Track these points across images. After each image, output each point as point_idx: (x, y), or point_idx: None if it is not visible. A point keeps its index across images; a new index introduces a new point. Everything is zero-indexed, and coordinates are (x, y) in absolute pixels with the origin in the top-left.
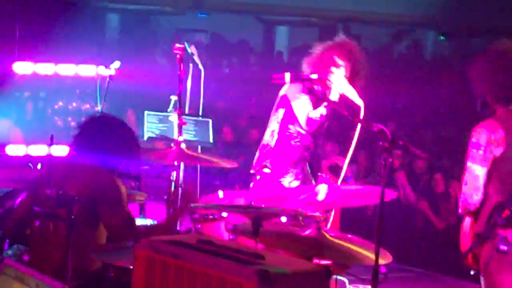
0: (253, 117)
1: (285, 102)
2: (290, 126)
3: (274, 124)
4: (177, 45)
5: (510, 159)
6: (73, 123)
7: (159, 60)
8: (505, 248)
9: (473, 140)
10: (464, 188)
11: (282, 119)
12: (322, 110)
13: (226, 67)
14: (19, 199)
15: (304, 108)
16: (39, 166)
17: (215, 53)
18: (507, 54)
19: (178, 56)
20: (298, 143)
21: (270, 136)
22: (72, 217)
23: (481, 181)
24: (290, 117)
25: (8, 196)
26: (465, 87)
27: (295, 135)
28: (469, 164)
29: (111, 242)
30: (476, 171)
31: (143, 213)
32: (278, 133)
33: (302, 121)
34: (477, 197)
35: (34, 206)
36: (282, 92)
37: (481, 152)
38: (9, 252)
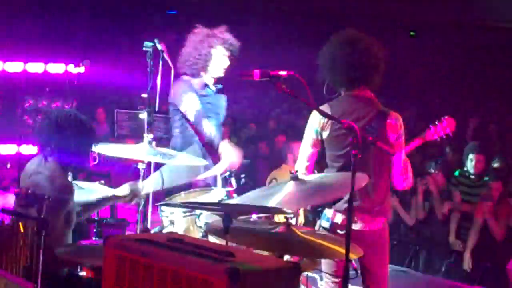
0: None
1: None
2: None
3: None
4: (146, 42)
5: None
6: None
7: (128, 56)
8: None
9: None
10: None
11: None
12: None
13: None
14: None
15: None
16: (8, 166)
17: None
18: (347, 43)
19: (147, 52)
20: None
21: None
22: (42, 216)
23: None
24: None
25: None
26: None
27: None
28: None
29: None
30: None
31: (114, 214)
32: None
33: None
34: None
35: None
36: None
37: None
38: None
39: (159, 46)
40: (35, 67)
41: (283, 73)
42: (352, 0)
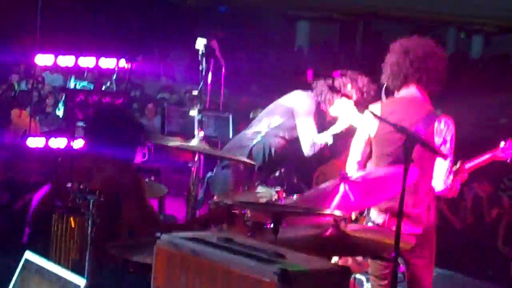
0: None
1: (289, 114)
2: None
3: (262, 126)
4: (199, 40)
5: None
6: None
7: (179, 52)
8: None
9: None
10: None
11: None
12: (328, 139)
13: (246, 62)
14: (40, 192)
15: (309, 132)
16: (60, 159)
17: (235, 48)
18: (405, 50)
19: (200, 52)
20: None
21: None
22: (93, 212)
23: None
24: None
25: (28, 189)
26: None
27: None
28: None
29: (132, 236)
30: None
31: (162, 208)
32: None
33: (305, 144)
34: None
35: (55, 200)
36: (288, 103)
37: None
38: None
39: (211, 44)
40: (87, 61)
41: (336, 73)
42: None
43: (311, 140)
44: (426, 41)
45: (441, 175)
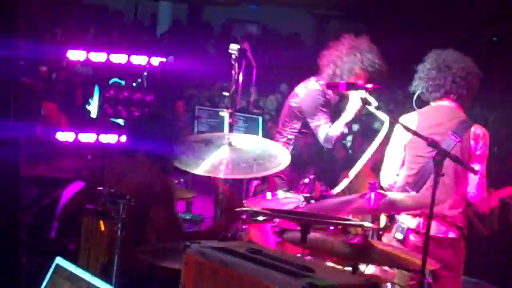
0: None
1: (301, 115)
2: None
3: (288, 134)
4: (232, 45)
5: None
6: (124, 113)
7: (210, 51)
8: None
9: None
10: None
11: (298, 131)
12: (341, 128)
13: (277, 60)
14: (69, 188)
15: (323, 128)
16: (89, 157)
17: (265, 45)
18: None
19: (233, 55)
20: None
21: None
22: (123, 216)
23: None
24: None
25: (57, 185)
26: None
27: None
28: None
29: (159, 242)
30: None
31: (189, 209)
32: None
33: (321, 138)
34: None
35: (86, 202)
36: (296, 103)
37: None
38: None
39: (243, 45)
40: (118, 58)
41: (369, 86)
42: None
43: (324, 133)
44: (466, 58)
45: (474, 181)
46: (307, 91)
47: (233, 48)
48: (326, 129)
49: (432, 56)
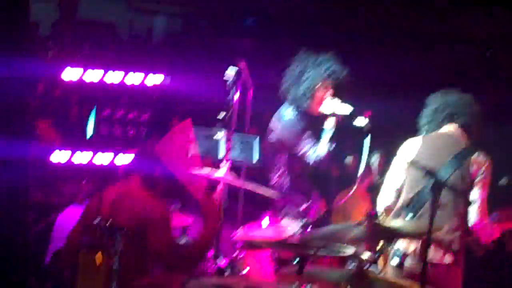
0: None
1: (284, 148)
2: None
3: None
4: (230, 68)
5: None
6: (118, 132)
7: (204, 62)
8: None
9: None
10: None
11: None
12: (325, 147)
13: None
14: (64, 213)
15: (310, 153)
16: (84, 182)
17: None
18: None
19: (230, 80)
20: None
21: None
22: (119, 248)
23: None
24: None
25: (51, 209)
26: None
27: None
28: None
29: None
30: None
31: (185, 234)
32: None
33: (311, 161)
34: None
35: (83, 235)
36: (273, 140)
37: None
38: None
39: (239, 65)
40: (113, 76)
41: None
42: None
43: (313, 157)
44: (467, 95)
45: (474, 207)
46: (281, 124)
47: (230, 72)
48: (313, 153)
49: (435, 98)
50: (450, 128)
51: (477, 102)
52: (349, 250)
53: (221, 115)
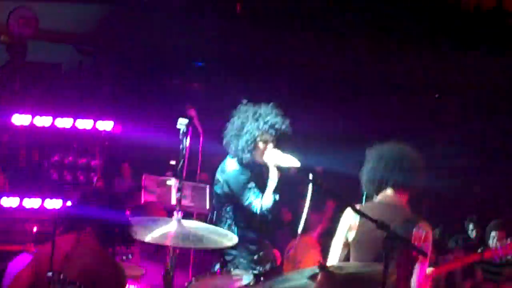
0: None
1: (230, 199)
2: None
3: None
4: (181, 120)
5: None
6: (68, 177)
7: (155, 108)
8: None
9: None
10: None
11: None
12: (270, 198)
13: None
14: (14, 263)
15: (255, 204)
16: (34, 229)
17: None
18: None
19: (181, 131)
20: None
21: None
22: None
23: None
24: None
25: (2, 257)
26: None
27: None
28: None
29: None
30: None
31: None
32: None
33: (258, 214)
34: None
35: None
36: (220, 190)
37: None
38: None
39: (190, 112)
40: (63, 122)
41: (319, 168)
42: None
43: (259, 208)
44: (401, 145)
45: (414, 279)
46: (226, 175)
47: (182, 122)
48: (258, 204)
49: (370, 151)
50: (387, 193)
51: (416, 153)
52: None
53: (172, 162)
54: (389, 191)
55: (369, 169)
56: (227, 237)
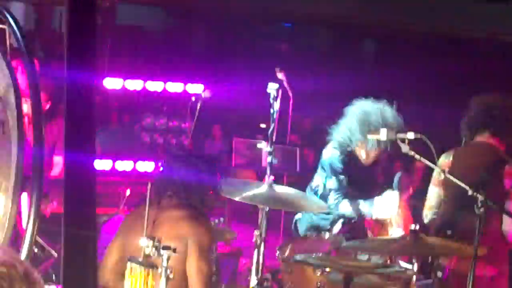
0: None
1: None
2: None
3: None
4: (271, 85)
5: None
6: (160, 140)
7: (243, 70)
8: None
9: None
10: None
11: None
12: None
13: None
14: (108, 225)
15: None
16: (128, 193)
17: (299, 65)
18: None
19: (271, 95)
20: None
21: None
22: (167, 267)
23: None
24: None
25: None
26: None
27: None
28: None
29: None
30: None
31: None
32: None
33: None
34: None
35: (126, 254)
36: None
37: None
38: None
39: (279, 75)
40: (154, 86)
41: (410, 135)
42: None
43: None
44: (507, 98)
45: (508, 219)
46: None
47: (272, 87)
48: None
49: (475, 99)
50: (483, 137)
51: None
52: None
53: (263, 125)
54: (487, 134)
55: (471, 116)
56: (318, 204)
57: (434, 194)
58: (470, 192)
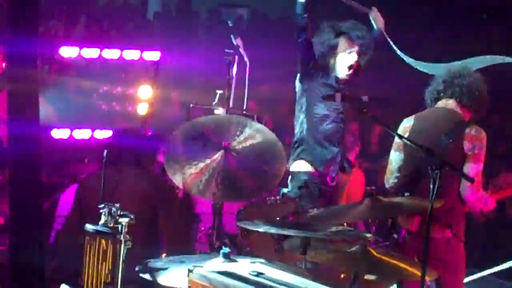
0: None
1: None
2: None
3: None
4: (227, 51)
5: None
6: (117, 108)
7: (201, 37)
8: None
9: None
10: None
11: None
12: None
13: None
14: (66, 194)
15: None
16: (86, 161)
17: (256, 31)
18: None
19: (227, 61)
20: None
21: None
22: (125, 234)
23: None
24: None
25: (53, 189)
26: None
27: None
28: None
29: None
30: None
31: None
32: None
33: None
34: None
35: (84, 220)
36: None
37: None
38: None
39: (235, 42)
40: (111, 53)
41: (364, 97)
42: None
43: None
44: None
45: (465, 181)
46: None
47: (228, 54)
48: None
49: (443, 69)
50: (448, 102)
51: (485, 83)
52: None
53: (220, 91)
54: (450, 101)
55: (434, 83)
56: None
57: (395, 158)
58: (423, 155)
